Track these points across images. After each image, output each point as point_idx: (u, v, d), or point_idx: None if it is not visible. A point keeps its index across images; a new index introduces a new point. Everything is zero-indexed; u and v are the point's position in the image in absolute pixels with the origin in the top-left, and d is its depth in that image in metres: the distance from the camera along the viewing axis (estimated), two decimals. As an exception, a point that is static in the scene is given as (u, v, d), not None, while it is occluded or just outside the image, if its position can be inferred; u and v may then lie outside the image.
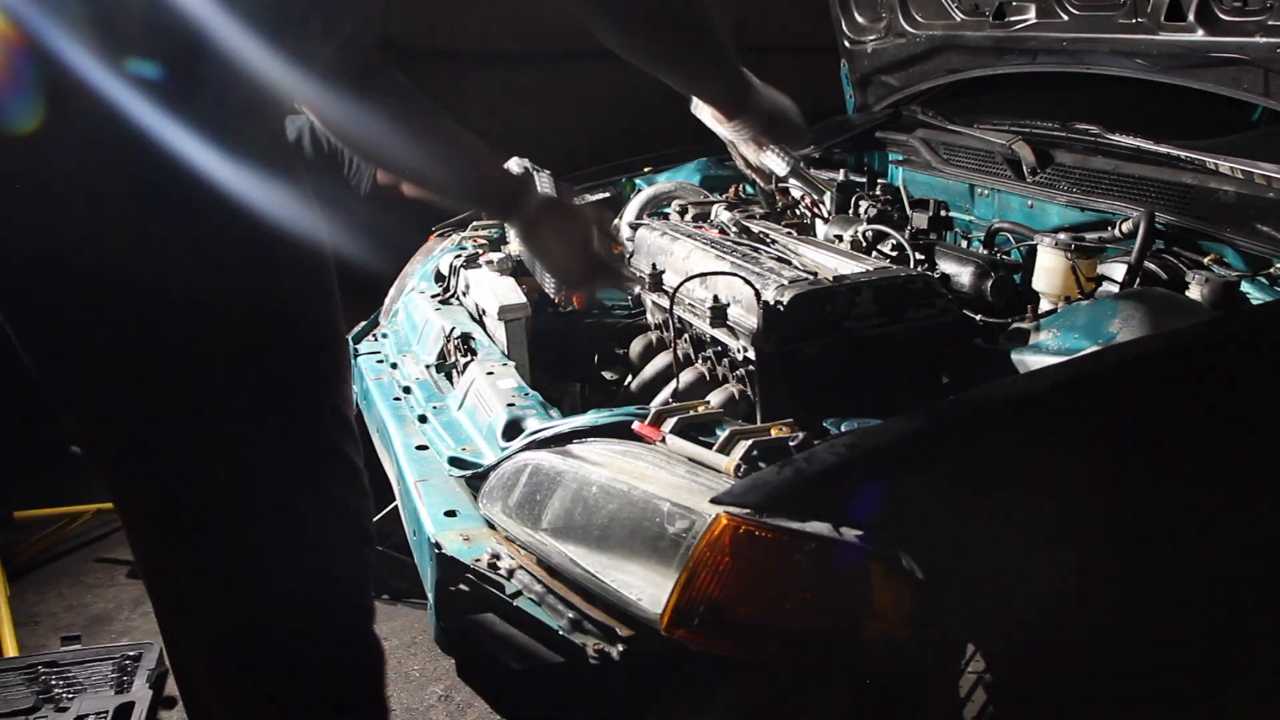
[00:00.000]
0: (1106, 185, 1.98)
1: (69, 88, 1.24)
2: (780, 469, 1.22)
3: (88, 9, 1.24)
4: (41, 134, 1.26)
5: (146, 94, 1.26)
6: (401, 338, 2.24)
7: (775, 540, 1.13)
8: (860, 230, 2.06)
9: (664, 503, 1.20)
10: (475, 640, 1.27)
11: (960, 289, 1.90)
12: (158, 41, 1.26)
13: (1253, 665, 1.26)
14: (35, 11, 1.23)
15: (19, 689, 2.09)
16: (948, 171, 2.34)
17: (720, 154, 2.79)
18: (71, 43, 1.23)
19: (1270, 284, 1.64)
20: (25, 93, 1.25)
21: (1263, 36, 1.76)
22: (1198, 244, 1.79)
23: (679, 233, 1.91)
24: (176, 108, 1.27)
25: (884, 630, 1.10)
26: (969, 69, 2.54)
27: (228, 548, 1.37)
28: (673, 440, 1.34)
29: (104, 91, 1.24)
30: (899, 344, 1.55)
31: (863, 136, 2.66)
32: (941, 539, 1.12)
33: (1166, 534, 1.17)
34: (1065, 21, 2.16)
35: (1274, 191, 1.73)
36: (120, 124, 1.25)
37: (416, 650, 2.35)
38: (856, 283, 1.53)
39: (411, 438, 1.74)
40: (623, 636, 1.18)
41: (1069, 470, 1.15)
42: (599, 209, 1.70)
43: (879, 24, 2.71)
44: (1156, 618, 1.18)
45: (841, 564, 1.11)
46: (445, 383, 1.92)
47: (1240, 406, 1.27)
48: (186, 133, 1.28)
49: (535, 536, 1.32)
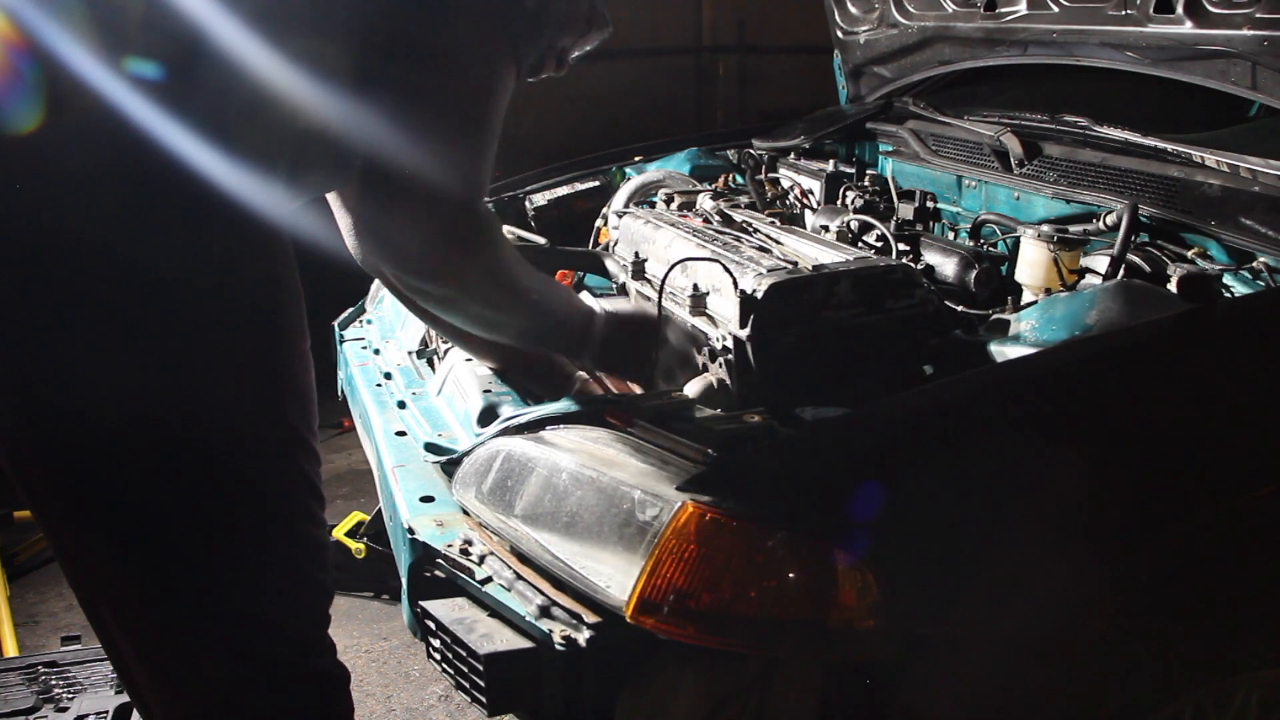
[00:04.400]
0: (1093, 178, 1.98)
1: (69, 88, 1.24)
2: (749, 457, 1.22)
3: (88, 9, 1.24)
4: (41, 134, 1.26)
5: (146, 94, 1.26)
6: (386, 324, 2.24)
7: (742, 528, 1.13)
8: (846, 221, 2.05)
9: (633, 490, 1.19)
10: (445, 626, 1.26)
11: (945, 280, 1.90)
12: (157, 42, 1.26)
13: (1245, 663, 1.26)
14: (35, 11, 1.23)
15: (19, 689, 2.08)
16: (936, 163, 2.33)
17: (711, 144, 2.80)
18: (71, 43, 1.23)
19: (1253, 278, 1.64)
20: (25, 93, 1.25)
21: (1250, 29, 1.75)
22: (1182, 237, 1.79)
23: (662, 221, 1.91)
24: (176, 108, 1.28)
25: (849, 620, 1.10)
26: (960, 60, 2.54)
27: (196, 572, 1.32)
28: (644, 428, 1.33)
29: (104, 91, 1.24)
30: (877, 334, 1.54)
31: (854, 127, 2.64)
32: (912, 529, 1.12)
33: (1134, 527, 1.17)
34: (1055, 13, 2.16)
35: (1259, 185, 1.72)
36: (120, 124, 1.25)
37: (417, 650, 2.36)
38: (835, 272, 1.52)
39: (391, 423, 1.75)
40: (590, 624, 1.18)
41: (1036, 460, 1.15)
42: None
43: (871, 14, 2.70)
44: (1134, 614, 1.18)
45: (807, 553, 1.11)
46: (426, 369, 1.92)
47: (1212, 399, 1.26)
48: (186, 133, 1.28)
49: (507, 523, 1.32)
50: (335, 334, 2.27)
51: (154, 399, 1.40)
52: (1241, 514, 1.23)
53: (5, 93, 1.26)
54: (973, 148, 2.26)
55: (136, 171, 1.31)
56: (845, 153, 2.65)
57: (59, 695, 2.07)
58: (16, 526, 2.87)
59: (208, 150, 1.32)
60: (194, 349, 1.40)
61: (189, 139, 1.30)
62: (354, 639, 2.48)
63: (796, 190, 2.45)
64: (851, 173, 2.38)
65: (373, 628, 2.51)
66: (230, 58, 1.28)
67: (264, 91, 1.30)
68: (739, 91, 6.46)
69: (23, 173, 1.33)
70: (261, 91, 1.30)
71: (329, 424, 3.46)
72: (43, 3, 1.25)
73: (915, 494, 1.13)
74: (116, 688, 2.09)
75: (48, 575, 2.79)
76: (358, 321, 2.33)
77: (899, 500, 1.11)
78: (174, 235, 1.37)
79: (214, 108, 1.31)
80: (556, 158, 3.34)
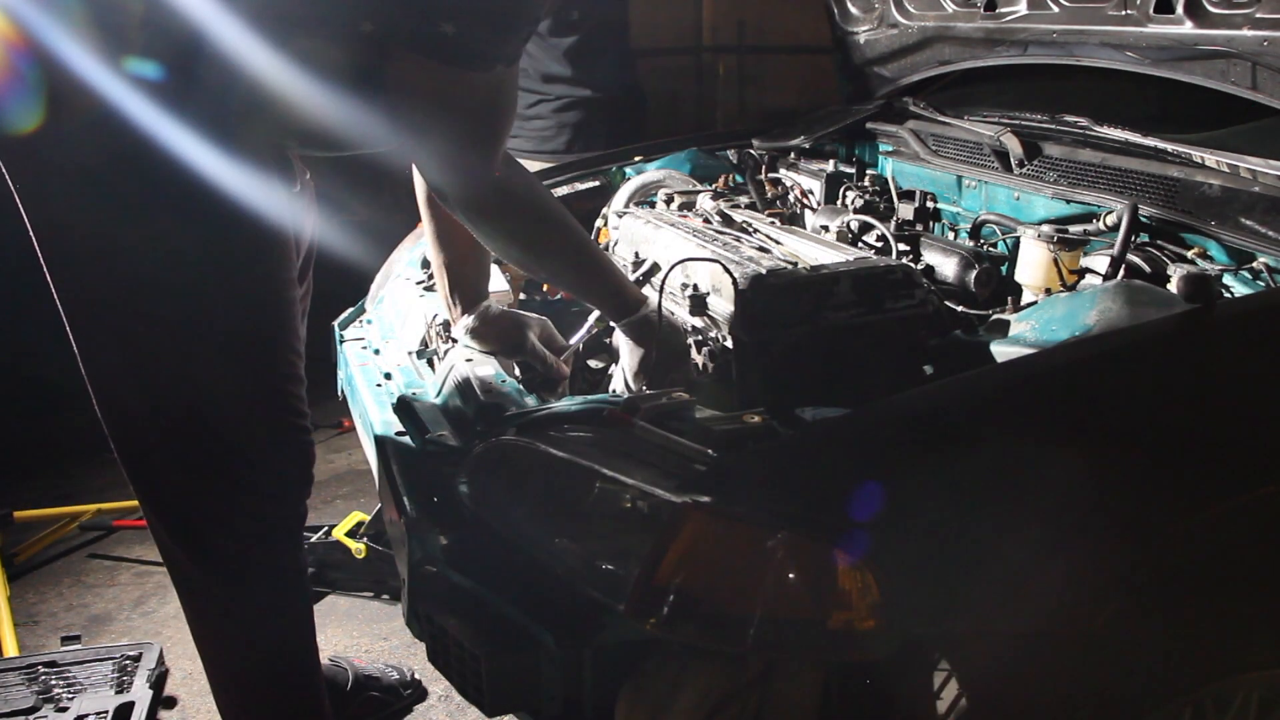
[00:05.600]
0: (1093, 178, 1.98)
1: (69, 88, 1.24)
2: (749, 458, 1.22)
3: (88, 10, 1.24)
4: (42, 134, 1.26)
5: (146, 94, 1.26)
6: (386, 324, 2.24)
7: (742, 528, 1.13)
8: (846, 221, 2.05)
9: (633, 490, 1.19)
10: (444, 625, 1.27)
11: (945, 280, 1.90)
12: (157, 42, 1.27)
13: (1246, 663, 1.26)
14: (35, 12, 1.23)
15: (19, 689, 2.09)
16: (936, 163, 2.33)
17: (711, 144, 2.80)
18: (71, 43, 1.24)
19: (1253, 278, 1.64)
20: (25, 93, 1.25)
21: (1250, 30, 1.75)
22: (1182, 237, 1.79)
23: (662, 221, 1.91)
24: (176, 107, 1.28)
25: (849, 620, 1.10)
26: (960, 60, 2.53)
27: None
28: (645, 428, 1.33)
29: (104, 91, 1.25)
30: (877, 334, 1.54)
31: (854, 127, 2.64)
32: (912, 529, 1.12)
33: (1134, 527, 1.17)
34: (1055, 13, 2.15)
35: (1259, 186, 1.72)
36: (120, 124, 1.26)
37: (417, 650, 2.35)
38: (834, 272, 1.52)
39: (391, 423, 1.74)
40: (589, 624, 1.18)
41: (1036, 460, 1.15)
42: None
43: (872, 14, 2.70)
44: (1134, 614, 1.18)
45: (807, 553, 1.11)
46: (426, 369, 1.91)
47: (1212, 399, 1.26)
48: (186, 132, 1.29)
49: (507, 523, 1.32)
50: (335, 334, 2.27)
51: (157, 388, 1.43)
52: (1241, 514, 1.23)
53: (5, 93, 1.27)
54: (973, 148, 2.26)
55: (136, 170, 1.32)
56: (845, 153, 2.65)
57: (59, 695, 2.07)
58: (16, 526, 2.86)
59: (207, 149, 1.33)
60: (195, 343, 1.43)
61: (189, 138, 1.31)
62: (354, 639, 2.48)
63: (796, 190, 2.45)
64: (851, 173, 2.38)
65: (373, 628, 2.51)
66: (230, 58, 1.29)
67: (264, 91, 1.30)
68: (739, 91, 6.46)
69: (24, 172, 1.34)
70: (261, 91, 1.30)
71: (329, 424, 3.46)
72: (43, 3, 1.26)
73: (915, 494, 1.13)
74: (117, 688, 2.09)
75: (48, 575, 2.80)
76: (358, 321, 2.33)
77: (899, 500, 1.11)
78: (174, 233, 1.38)
79: (214, 107, 1.31)
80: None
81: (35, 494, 3.09)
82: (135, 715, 2.02)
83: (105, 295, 1.41)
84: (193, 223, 1.40)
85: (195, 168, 1.32)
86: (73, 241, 1.39)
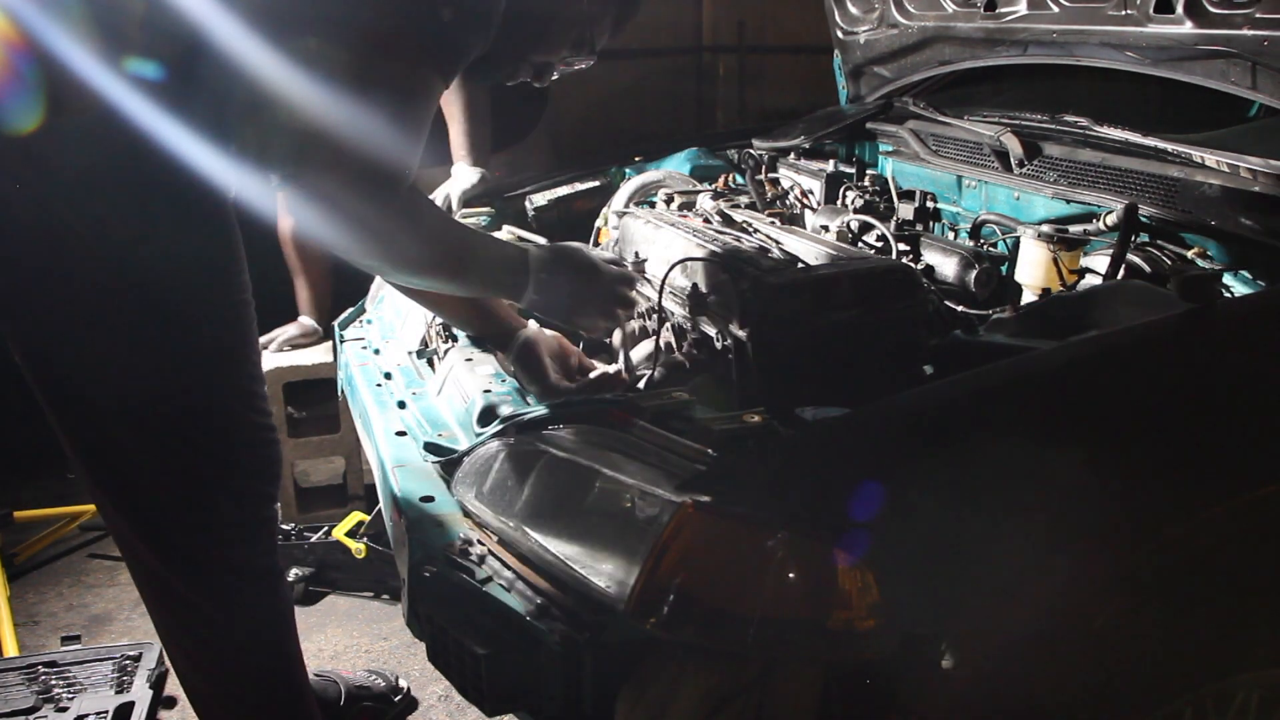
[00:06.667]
0: (1093, 178, 1.98)
1: (69, 88, 1.24)
2: (749, 457, 1.22)
3: (88, 10, 1.24)
4: (42, 134, 1.26)
5: (146, 94, 1.26)
6: (386, 324, 2.24)
7: (742, 528, 1.13)
8: (846, 221, 2.05)
9: (633, 490, 1.19)
10: (444, 625, 1.26)
11: (945, 280, 1.90)
12: (158, 42, 1.27)
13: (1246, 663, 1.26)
14: (35, 11, 1.23)
15: (19, 689, 2.08)
16: (936, 163, 2.33)
17: (711, 144, 2.80)
18: (71, 43, 1.24)
19: (1253, 278, 1.64)
20: (25, 93, 1.25)
21: (1250, 29, 1.75)
22: (1182, 237, 1.79)
23: (662, 221, 1.91)
24: (176, 107, 1.28)
25: (849, 620, 1.10)
26: (960, 60, 2.53)
27: None
28: (645, 428, 1.33)
29: (104, 91, 1.25)
30: (877, 334, 1.54)
31: (854, 127, 2.64)
32: (912, 529, 1.12)
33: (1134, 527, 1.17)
34: (1055, 13, 2.16)
35: (1259, 185, 1.72)
36: (120, 124, 1.26)
37: (417, 650, 2.35)
38: (834, 272, 1.52)
39: (391, 423, 1.74)
40: (589, 624, 1.18)
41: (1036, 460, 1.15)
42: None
43: (872, 14, 2.70)
44: (1134, 614, 1.17)
45: (807, 553, 1.11)
46: (426, 368, 1.92)
47: (1212, 399, 1.26)
48: (186, 132, 1.29)
49: (507, 523, 1.32)
50: (335, 334, 2.28)
51: (149, 387, 1.44)
52: (1242, 514, 1.23)
53: (5, 93, 1.27)
54: (973, 148, 2.26)
55: (136, 170, 1.32)
56: (845, 153, 2.65)
57: (59, 695, 2.06)
58: (16, 526, 2.87)
59: (207, 150, 1.33)
60: (181, 341, 1.44)
61: (189, 139, 1.31)
62: (354, 639, 2.48)
63: (796, 190, 2.45)
64: (851, 173, 2.38)
65: (373, 628, 2.51)
66: (230, 57, 1.29)
67: (264, 91, 1.30)
68: (739, 91, 6.46)
69: (24, 172, 1.34)
70: (261, 91, 1.30)
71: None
72: (43, 3, 1.25)
73: (915, 494, 1.13)
74: (117, 688, 2.09)
75: (48, 575, 2.80)
76: (358, 321, 2.33)
77: (899, 500, 1.11)
78: (173, 233, 1.39)
79: (214, 108, 1.32)
80: (555, 158, 3.35)
81: (35, 494, 3.10)
82: (135, 715, 2.02)
83: (99, 292, 1.41)
84: (191, 223, 1.41)
85: (195, 168, 1.32)
86: (70, 241, 1.39)
